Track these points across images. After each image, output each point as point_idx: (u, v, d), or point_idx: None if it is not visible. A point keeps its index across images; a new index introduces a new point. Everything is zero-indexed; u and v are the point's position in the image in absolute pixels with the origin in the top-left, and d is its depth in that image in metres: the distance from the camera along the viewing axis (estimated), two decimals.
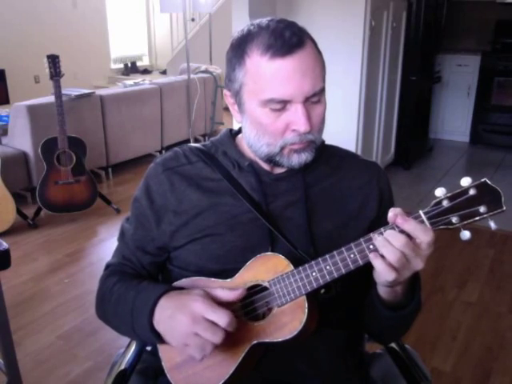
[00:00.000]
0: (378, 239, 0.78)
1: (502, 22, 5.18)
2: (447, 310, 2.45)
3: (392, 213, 0.78)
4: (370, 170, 1.04)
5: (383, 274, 0.78)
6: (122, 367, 1.06)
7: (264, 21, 0.88)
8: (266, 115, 0.87)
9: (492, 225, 0.75)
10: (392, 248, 0.76)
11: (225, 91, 0.96)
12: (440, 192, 0.76)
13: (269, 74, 0.84)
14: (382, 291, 0.88)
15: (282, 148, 0.90)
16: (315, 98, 0.87)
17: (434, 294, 2.58)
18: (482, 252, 3.05)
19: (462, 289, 2.64)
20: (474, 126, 5.29)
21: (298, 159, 0.91)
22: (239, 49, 0.88)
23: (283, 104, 0.86)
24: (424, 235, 0.76)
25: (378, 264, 0.78)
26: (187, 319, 0.82)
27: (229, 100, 0.95)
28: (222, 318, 0.81)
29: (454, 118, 5.38)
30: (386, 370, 1.10)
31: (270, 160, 0.93)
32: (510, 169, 4.56)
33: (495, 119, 5.16)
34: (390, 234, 0.77)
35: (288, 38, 0.84)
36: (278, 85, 0.84)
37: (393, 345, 1.12)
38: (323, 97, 0.90)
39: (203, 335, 0.81)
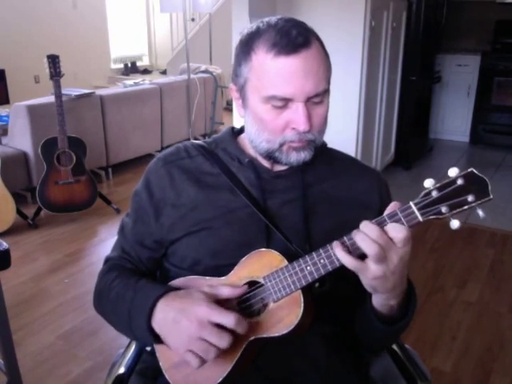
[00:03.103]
0: (356, 234, 0.78)
1: (502, 22, 5.18)
2: (447, 310, 2.45)
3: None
4: (372, 176, 1.05)
5: (347, 264, 0.78)
6: (120, 371, 1.06)
7: (273, 19, 0.89)
8: (267, 112, 0.88)
9: (480, 213, 0.75)
10: (369, 240, 0.76)
11: (231, 85, 0.97)
12: (429, 183, 0.77)
13: (272, 71, 0.85)
14: (378, 304, 0.88)
15: (281, 145, 0.90)
16: (317, 99, 0.88)
17: (434, 294, 2.58)
18: (481, 252, 3.05)
19: (462, 289, 2.64)
20: (474, 126, 5.29)
21: (296, 157, 0.91)
22: (247, 45, 0.89)
23: (285, 102, 0.86)
24: (395, 232, 0.77)
25: (342, 257, 0.78)
26: (193, 324, 0.82)
27: (234, 94, 0.96)
28: (229, 318, 0.81)
29: (453, 118, 5.38)
30: (386, 370, 1.10)
31: (270, 156, 0.93)
32: (510, 169, 4.56)
33: (495, 119, 5.16)
34: (364, 224, 0.78)
35: (294, 37, 0.85)
36: (281, 82, 0.85)
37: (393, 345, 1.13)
38: (326, 98, 0.90)
39: (209, 339, 0.81)
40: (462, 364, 2.08)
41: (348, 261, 0.78)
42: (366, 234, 0.77)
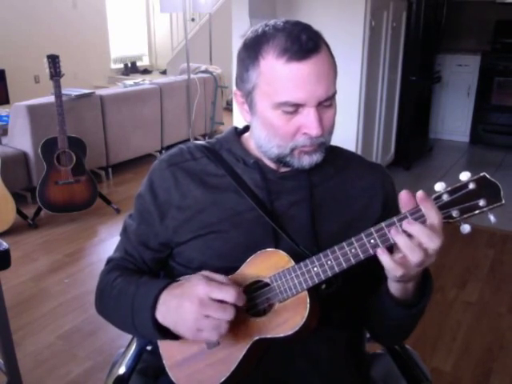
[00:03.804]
0: (397, 236, 0.77)
1: (502, 22, 5.19)
2: (447, 310, 2.45)
3: (405, 195, 0.77)
4: (376, 172, 1.04)
5: (391, 271, 0.78)
6: (120, 372, 1.06)
7: (279, 22, 0.88)
8: (277, 117, 0.87)
9: (492, 218, 0.75)
10: (414, 246, 0.75)
11: (235, 90, 0.96)
12: (440, 186, 0.76)
13: (284, 77, 0.84)
14: (394, 288, 0.88)
15: (293, 150, 0.90)
16: (327, 103, 0.88)
17: (434, 294, 2.54)
18: (481, 252, 3.05)
19: (462, 289, 2.64)
20: (474, 126, 5.29)
21: (308, 160, 0.91)
22: (253, 50, 0.88)
23: (296, 107, 0.86)
24: (436, 215, 0.75)
25: (385, 260, 0.78)
26: (194, 304, 0.81)
27: (238, 99, 0.95)
28: (229, 293, 0.80)
29: (453, 118, 5.38)
30: (387, 370, 1.10)
31: (281, 161, 0.93)
32: (510, 169, 4.56)
33: (495, 119, 5.16)
34: (410, 225, 0.76)
35: (305, 42, 0.84)
36: (293, 88, 0.84)
37: None
38: (334, 101, 0.90)
39: (214, 315, 0.80)
40: (462, 364, 2.08)
41: (393, 268, 0.77)
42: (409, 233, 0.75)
